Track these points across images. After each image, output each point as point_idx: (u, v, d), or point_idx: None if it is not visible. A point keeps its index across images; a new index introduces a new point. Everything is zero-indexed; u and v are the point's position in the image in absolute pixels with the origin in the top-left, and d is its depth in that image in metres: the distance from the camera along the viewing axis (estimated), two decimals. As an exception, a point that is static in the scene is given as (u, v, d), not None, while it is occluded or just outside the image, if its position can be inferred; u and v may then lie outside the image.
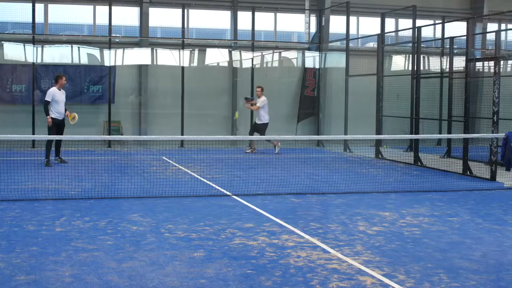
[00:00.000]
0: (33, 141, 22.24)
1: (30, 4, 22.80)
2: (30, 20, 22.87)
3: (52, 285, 6.39)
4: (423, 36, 19.95)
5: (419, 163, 18.38)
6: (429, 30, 26.12)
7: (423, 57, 25.37)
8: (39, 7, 23.53)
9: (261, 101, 21.46)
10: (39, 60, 23.29)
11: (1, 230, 8.93)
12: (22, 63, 23.24)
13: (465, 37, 18.01)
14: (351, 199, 12.16)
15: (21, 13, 23.24)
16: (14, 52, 23.54)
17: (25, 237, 8.47)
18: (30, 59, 23.12)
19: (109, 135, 22.83)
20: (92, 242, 8.27)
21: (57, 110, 17.10)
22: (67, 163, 17.37)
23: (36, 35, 23.05)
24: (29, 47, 23.10)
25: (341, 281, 6.67)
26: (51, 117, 16.99)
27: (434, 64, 26.23)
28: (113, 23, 23.42)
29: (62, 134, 17.17)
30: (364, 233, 9.02)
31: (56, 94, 17.10)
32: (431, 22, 26.44)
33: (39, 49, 23.34)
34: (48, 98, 17.06)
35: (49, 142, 16.87)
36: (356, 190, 13.26)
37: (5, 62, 23.10)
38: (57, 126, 17.13)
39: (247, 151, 21.58)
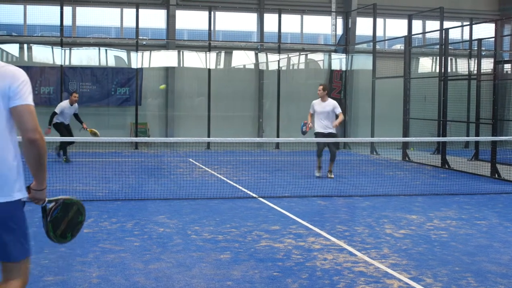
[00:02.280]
0: (61, 143, 22.38)
1: (58, 7, 23.02)
2: (58, 23, 23.09)
3: (79, 286, 6.43)
4: (451, 38, 19.83)
5: (447, 166, 18.26)
6: (456, 32, 25.98)
7: (451, 59, 25.21)
8: (67, 10, 23.75)
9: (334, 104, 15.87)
10: (67, 63, 23.49)
11: (30, 231, 8.96)
12: (50, 65, 23.46)
13: (493, 39, 17.87)
14: (377, 202, 12.11)
15: (49, 16, 23.50)
16: (43, 54, 23.76)
17: (53, 238, 8.53)
18: (58, 62, 23.33)
19: (136, 137, 22.95)
20: (119, 243, 8.31)
21: (61, 120, 18.51)
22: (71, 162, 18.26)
23: (64, 37, 23.26)
24: (57, 50, 23.31)
25: (367, 284, 6.64)
26: (57, 122, 18.42)
27: (462, 66, 26.05)
28: (140, 25, 23.56)
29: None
30: (391, 236, 8.98)
31: (65, 108, 18.44)
32: (459, 23, 26.30)
33: (67, 51, 23.55)
34: (56, 109, 18.43)
35: (62, 142, 18.24)
36: (383, 193, 13.20)
37: (34, 64, 23.33)
38: (65, 128, 18.50)
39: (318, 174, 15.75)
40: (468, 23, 25.25)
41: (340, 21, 26.49)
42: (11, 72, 4.13)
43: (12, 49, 23.51)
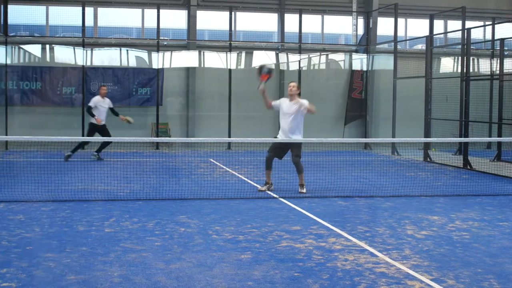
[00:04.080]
0: (83, 142, 22.50)
1: (80, 8, 23.15)
2: (80, 24, 23.22)
3: (101, 285, 6.46)
4: (473, 37, 19.69)
5: (469, 167, 18.14)
6: (479, 31, 25.80)
7: (473, 59, 25.05)
8: (89, 10, 23.87)
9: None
10: (88, 63, 23.63)
11: (52, 230, 9.06)
12: (72, 65, 23.60)
13: (516, 39, 17.74)
14: (399, 203, 12.06)
15: (71, 17, 23.63)
16: (65, 55, 23.91)
17: (75, 237, 8.58)
18: (79, 62, 23.47)
19: (157, 137, 23.01)
20: (140, 243, 8.34)
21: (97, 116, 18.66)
22: (102, 160, 18.65)
23: (86, 38, 23.39)
24: (79, 50, 23.45)
25: (389, 285, 6.61)
26: (91, 122, 18.77)
27: (484, 66, 25.87)
28: (161, 26, 23.63)
29: (107, 136, 18.45)
30: (413, 237, 8.93)
31: (98, 102, 18.79)
32: (481, 23, 26.12)
33: (89, 52, 23.68)
34: (90, 103, 18.80)
35: (82, 143, 18.79)
36: (404, 194, 13.14)
37: (56, 65, 23.50)
38: (97, 130, 18.59)
39: (262, 188, 13.28)
40: (491, 22, 25.06)
41: (361, 21, 26.42)
42: None
43: (35, 50, 23.68)
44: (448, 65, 26.90)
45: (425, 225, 9.81)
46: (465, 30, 19.39)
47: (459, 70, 20.69)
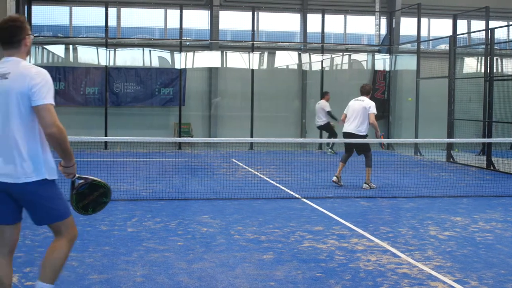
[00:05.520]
0: (106, 142, 22.65)
1: (103, 9, 23.28)
2: (103, 24, 23.36)
3: (124, 285, 6.49)
4: (497, 37, 19.54)
5: (492, 167, 18.01)
6: (502, 31, 25.61)
7: (496, 59, 24.85)
8: (112, 11, 24.01)
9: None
10: (111, 63, 23.76)
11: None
12: (95, 66, 23.74)
13: (540, 39, 17.57)
14: (422, 203, 12.00)
15: (95, 17, 23.79)
16: (88, 55, 24.08)
17: (97, 237, 8.63)
18: (102, 62, 23.60)
19: (180, 137, 23.08)
20: (163, 242, 8.37)
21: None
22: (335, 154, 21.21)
23: (109, 38, 23.52)
24: (102, 50, 23.59)
25: (411, 286, 6.59)
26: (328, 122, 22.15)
27: (508, 66, 25.67)
28: (183, 26, 23.70)
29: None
30: (435, 238, 8.89)
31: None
32: (505, 23, 25.91)
33: (112, 52, 23.80)
34: (329, 109, 21.92)
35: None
36: (427, 194, 13.08)
37: (79, 65, 23.66)
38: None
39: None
40: (515, 22, 24.91)
41: (384, 21, 26.32)
42: (30, 73, 4.82)
43: (58, 50, 23.86)
44: (471, 65, 26.72)
45: (448, 226, 9.76)
46: (489, 30, 19.26)
47: (483, 70, 20.53)
